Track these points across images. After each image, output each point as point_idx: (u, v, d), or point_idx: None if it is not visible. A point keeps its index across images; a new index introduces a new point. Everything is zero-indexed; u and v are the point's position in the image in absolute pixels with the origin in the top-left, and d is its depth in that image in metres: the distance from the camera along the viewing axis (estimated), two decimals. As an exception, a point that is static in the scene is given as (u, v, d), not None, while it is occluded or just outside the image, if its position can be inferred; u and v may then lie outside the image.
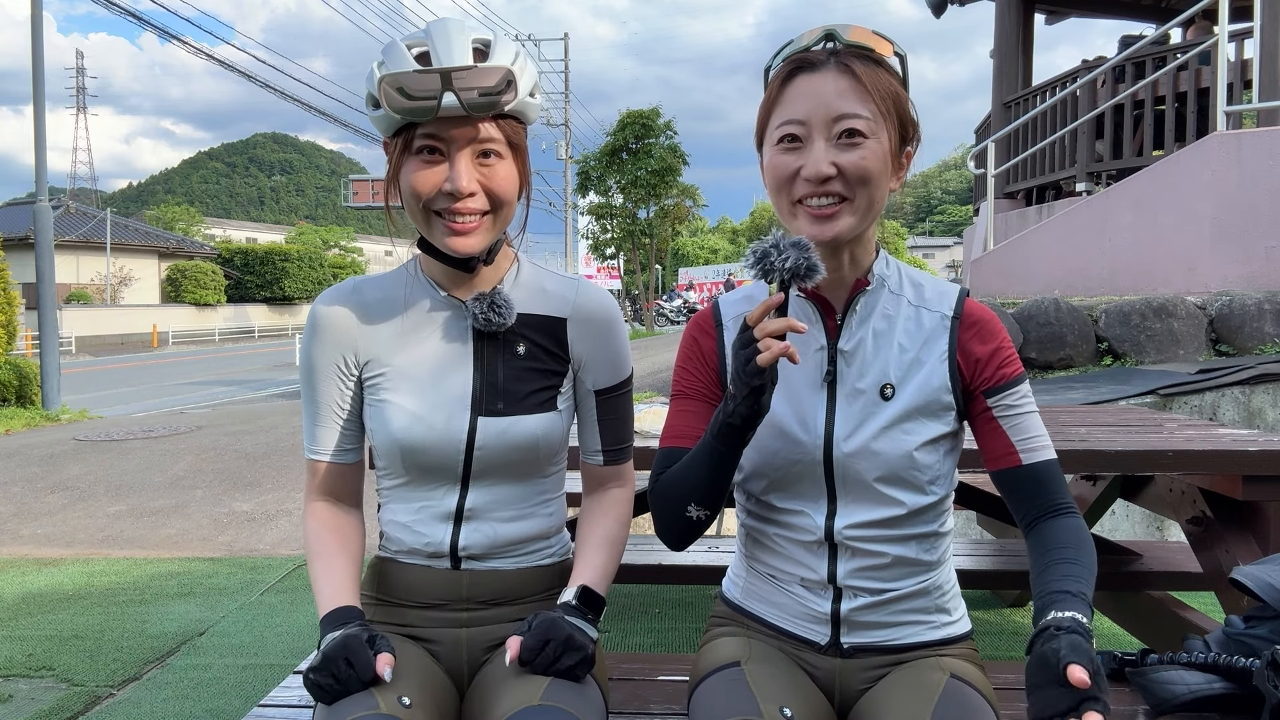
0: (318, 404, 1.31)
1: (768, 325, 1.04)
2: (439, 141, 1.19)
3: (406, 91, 1.15)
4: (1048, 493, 1.17)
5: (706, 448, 1.13)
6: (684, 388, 1.26)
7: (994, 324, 1.20)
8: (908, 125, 1.16)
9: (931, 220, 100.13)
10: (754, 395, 1.06)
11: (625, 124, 25.90)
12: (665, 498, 1.19)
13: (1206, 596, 2.72)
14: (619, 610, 3.32)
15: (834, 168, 1.09)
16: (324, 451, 1.32)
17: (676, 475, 1.18)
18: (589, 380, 1.35)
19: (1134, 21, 10.82)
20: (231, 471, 6.16)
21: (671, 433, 1.24)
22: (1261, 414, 4.62)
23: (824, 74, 1.11)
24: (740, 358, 1.06)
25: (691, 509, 1.16)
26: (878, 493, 1.16)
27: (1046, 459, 1.18)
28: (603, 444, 1.38)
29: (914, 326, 1.19)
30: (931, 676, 1.15)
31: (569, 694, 1.14)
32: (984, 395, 1.18)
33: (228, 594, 3.63)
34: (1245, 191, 5.83)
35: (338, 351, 1.30)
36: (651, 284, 31.48)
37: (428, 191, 1.20)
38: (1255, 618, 1.46)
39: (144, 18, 15.81)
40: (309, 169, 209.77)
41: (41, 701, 2.62)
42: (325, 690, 1.12)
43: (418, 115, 1.17)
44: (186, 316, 34.18)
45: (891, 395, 1.16)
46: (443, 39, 1.18)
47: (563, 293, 1.34)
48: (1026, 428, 1.18)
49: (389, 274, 1.36)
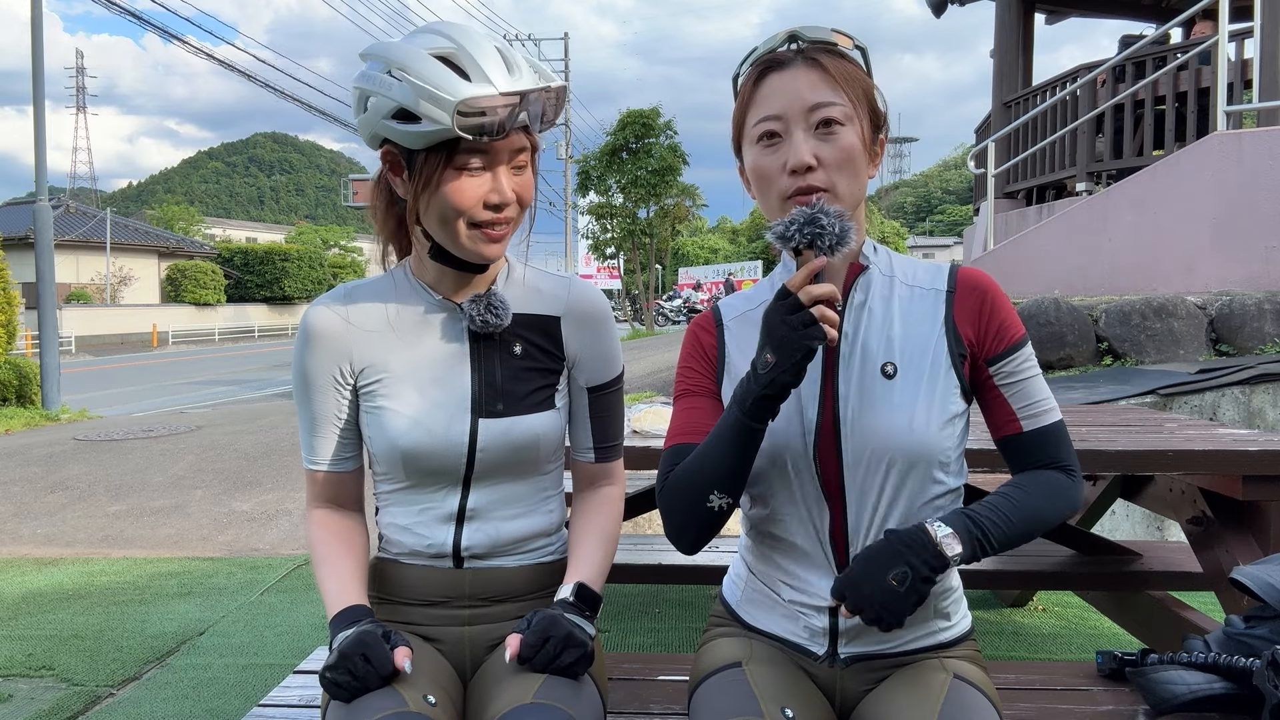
0: (314, 414, 1.30)
1: (814, 291, 1.04)
2: (483, 155, 1.19)
3: (487, 112, 1.14)
4: (1045, 454, 1.17)
5: (734, 427, 1.09)
6: (689, 386, 1.26)
7: (989, 288, 1.18)
8: (877, 114, 1.17)
9: (931, 220, 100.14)
10: (803, 360, 1.04)
11: (625, 124, 25.89)
12: (681, 491, 1.15)
13: (1206, 596, 2.72)
14: (619, 610, 3.32)
15: (815, 158, 1.10)
16: (322, 461, 1.32)
17: (694, 465, 1.14)
18: (582, 378, 1.36)
19: (1134, 21, 10.82)
20: (231, 471, 6.16)
21: (679, 430, 1.22)
22: (1261, 414, 4.62)
23: (794, 70, 1.13)
24: (790, 323, 1.04)
25: (714, 497, 1.12)
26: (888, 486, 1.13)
27: (1048, 423, 1.17)
28: (594, 441, 1.38)
29: (910, 305, 1.19)
30: (935, 677, 1.15)
31: (564, 692, 1.15)
32: (986, 364, 1.17)
33: (228, 594, 3.63)
34: (1245, 191, 5.83)
35: (332, 361, 1.29)
36: (651, 284, 31.47)
37: (473, 204, 1.19)
38: (1255, 618, 1.46)
39: (144, 17, 15.80)
40: (309, 169, 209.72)
41: (41, 701, 2.62)
42: (344, 688, 1.11)
43: (486, 133, 1.15)
44: (186, 316, 34.18)
45: (894, 374, 1.15)
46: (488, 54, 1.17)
47: (556, 291, 1.35)
48: (1028, 393, 1.17)
49: (378, 279, 1.35)
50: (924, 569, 1.04)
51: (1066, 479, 1.16)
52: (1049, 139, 7.82)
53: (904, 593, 1.04)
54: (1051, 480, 1.15)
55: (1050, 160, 8.15)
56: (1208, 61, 6.57)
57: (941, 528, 1.07)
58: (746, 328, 1.24)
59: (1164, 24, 8.14)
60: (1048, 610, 3.24)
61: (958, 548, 1.06)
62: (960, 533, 1.07)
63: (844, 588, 1.07)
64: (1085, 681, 1.57)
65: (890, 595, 1.04)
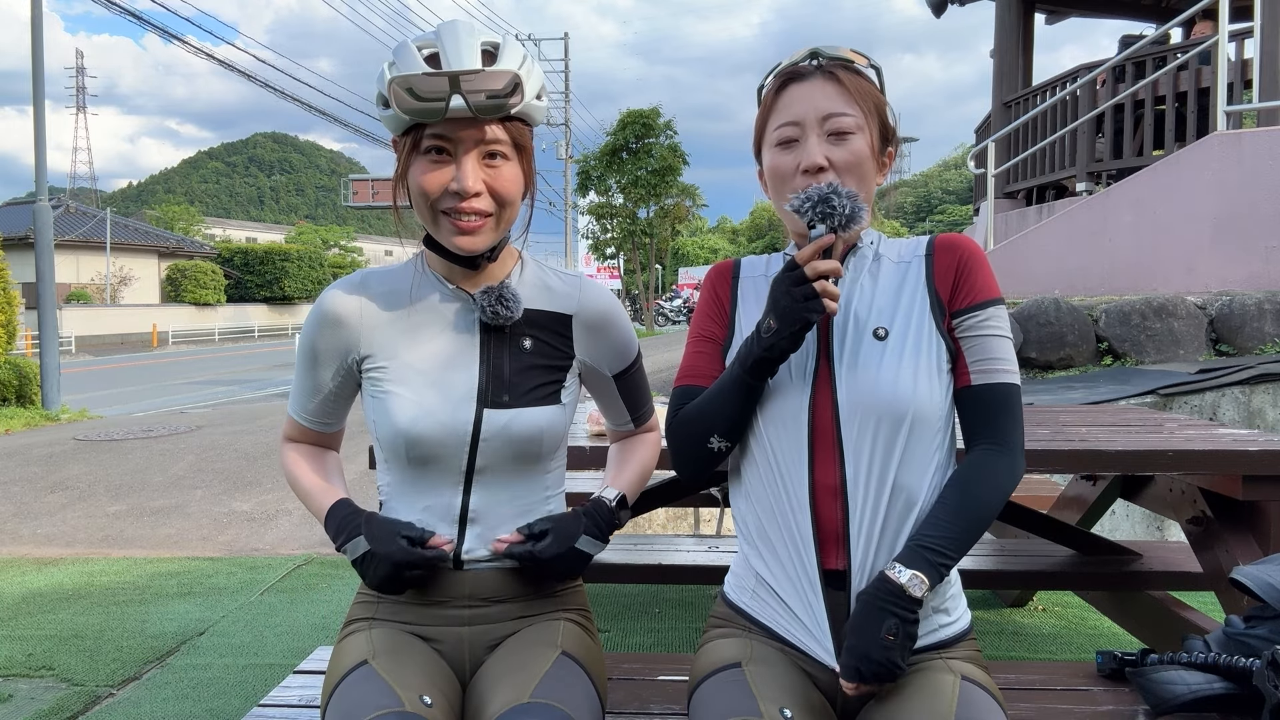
0: (312, 383, 1.36)
1: (819, 265, 1.13)
2: (446, 142, 1.22)
3: (416, 93, 1.18)
4: (984, 419, 1.20)
5: (735, 381, 1.20)
6: (700, 331, 1.34)
7: (964, 249, 1.25)
8: (887, 128, 1.27)
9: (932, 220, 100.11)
10: (802, 330, 1.14)
11: (625, 124, 25.91)
12: (686, 431, 1.26)
13: (1206, 596, 2.72)
14: (619, 610, 3.32)
15: (826, 160, 1.20)
16: (307, 417, 1.39)
17: (698, 410, 1.25)
18: (604, 367, 1.41)
19: (1134, 21, 10.82)
20: (231, 471, 6.16)
21: (688, 372, 1.32)
22: (1261, 414, 4.62)
23: (812, 82, 1.24)
24: (794, 294, 1.13)
25: (714, 440, 1.23)
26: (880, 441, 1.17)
27: (996, 382, 1.20)
28: (630, 413, 1.48)
29: (896, 275, 1.27)
30: (943, 680, 1.15)
31: (561, 690, 1.15)
32: (952, 316, 1.23)
33: (228, 594, 3.63)
34: (1245, 191, 5.83)
35: (341, 343, 1.32)
36: (651, 284, 31.47)
37: (435, 191, 1.23)
38: (1255, 618, 1.46)
39: (144, 17, 15.80)
40: (309, 168, 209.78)
41: (41, 701, 2.62)
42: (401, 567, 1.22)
43: (426, 116, 1.20)
44: (186, 316, 34.18)
45: (885, 335, 1.21)
46: (452, 42, 1.21)
47: (567, 290, 1.38)
48: (984, 349, 1.21)
49: (397, 267, 1.38)
50: (906, 614, 1.11)
51: (996, 456, 1.18)
52: (1049, 139, 7.82)
53: (900, 644, 1.11)
54: (982, 464, 1.18)
55: (1050, 160, 8.15)
56: (1208, 61, 6.57)
57: (902, 571, 1.12)
58: (762, 286, 1.33)
59: (1164, 24, 8.14)
60: (1048, 610, 3.24)
61: (922, 583, 1.11)
62: (920, 566, 1.12)
63: (857, 663, 1.11)
64: (1085, 681, 1.57)
65: (889, 650, 1.10)
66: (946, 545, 1.13)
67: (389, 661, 1.20)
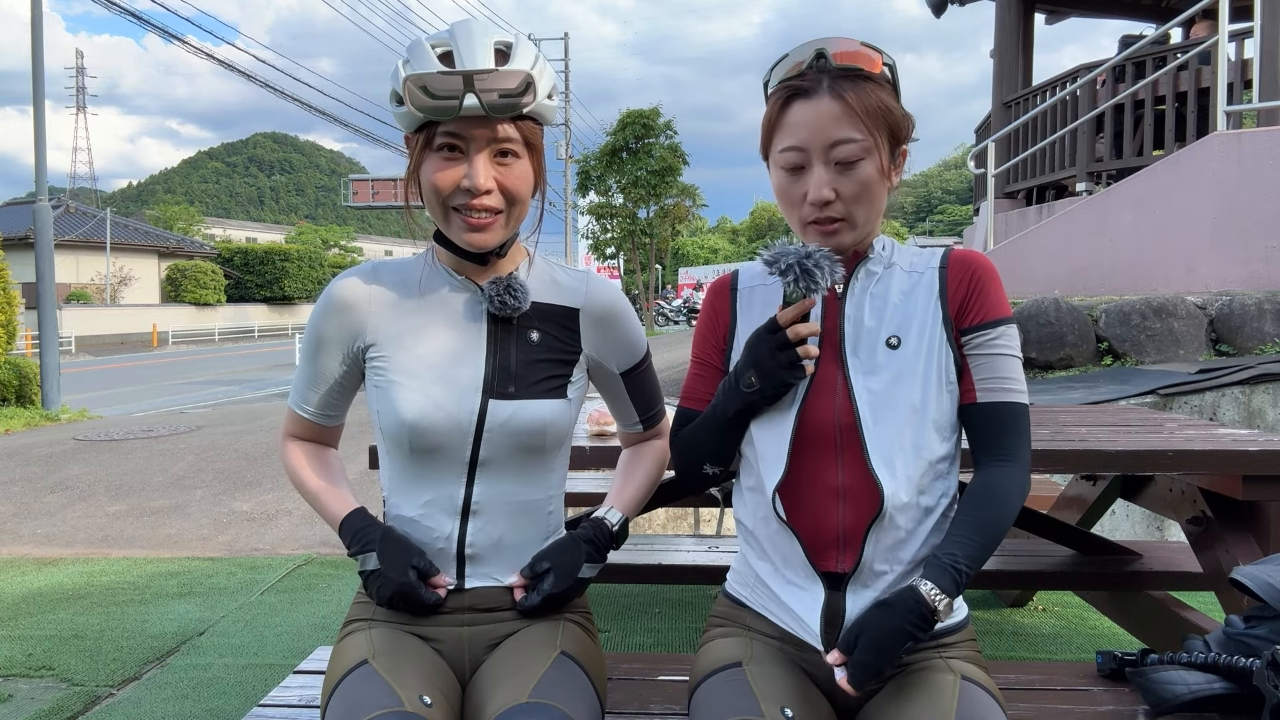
0: (316, 372, 1.36)
1: (800, 330, 1.16)
2: (459, 140, 1.23)
3: (430, 91, 1.19)
4: (995, 437, 1.20)
5: (722, 420, 1.23)
6: (699, 353, 1.36)
7: (979, 266, 1.24)
8: (897, 133, 1.22)
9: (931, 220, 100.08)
10: (783, 389, 1.18)
11: (625, 124, 25.91)
12: (684, 454, 1.31)
13: (1206, 596, 2.72)
14: (619, 610, 3.32)
15: (833, 192, 1.18)
16: (309, 409, 1.38)
17: (692, 437, 1.29)
18: (613, 365, 1.41)
19: (1134, 21, 10.81)
20: (231, 471, 6.16)
21: (688, 394, 1.34)
22: (1261, 414, 4.62)
23: (818, 100, 1.18)
24: (778, 359, 1.16)
25: (708, 467, 1.28)
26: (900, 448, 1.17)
27: (1003, 401, 1.20)
28: (639, 414, 1.49)
29: (908, 286, 1.25)
30: (943, 680, 1.15)
31: (560, 690, 1.15)
32: (961, 334, 1.22)
33: (228, 594, 3.63)
34: (1245, 191, 5.83)
35: (348, 331, 1.33)
36: (651, 284, 31.46)
37: (447, 188, 1.24)
38: (1255, 618, 1.46)
39: (145, 18, 15.80)
40: (309, 169, 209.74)
41: (41, 701, 2.62)
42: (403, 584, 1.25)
43: (440, 114, 1.21)
44: (186, 316, 34.18)
45: (898, 345, 1.21)
46: (466, 41, 1.22)
47: (575, 285, 1.39)
48: (992, 367, 1.21)
49: (407, 259, 1.39)
50: (924, 634, 1.13)
51: (1009, 473, 1.19)
52: (1049, 139, 7.82)
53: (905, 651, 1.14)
54: (996, 480, 1.19)
55: (1050, 160, 8.15)
56: (1208, 61, 6.57)
57: (932, 589, 1.12)
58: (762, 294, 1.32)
59: (1164, 24, 8.13)
60: (1048, 610, 3.24)
61: (949, 605, 1.12)
62: (947, 585, 1.12)
63: (865, 676, 1.12)
64: (1085, 681, 1.57)
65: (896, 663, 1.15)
66: (970, 564, 1.14)
67: (389, 661, 1.20)
